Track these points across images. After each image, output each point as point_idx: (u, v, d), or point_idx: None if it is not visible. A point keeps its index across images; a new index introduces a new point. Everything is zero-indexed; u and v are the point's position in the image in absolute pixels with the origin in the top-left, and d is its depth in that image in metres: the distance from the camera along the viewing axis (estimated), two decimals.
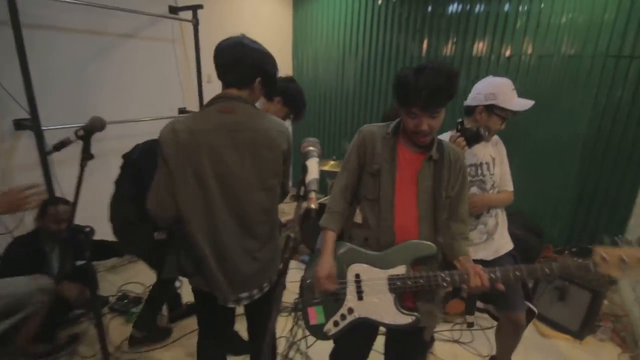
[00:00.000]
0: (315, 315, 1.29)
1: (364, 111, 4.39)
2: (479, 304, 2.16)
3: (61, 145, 1.38)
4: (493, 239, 1.73)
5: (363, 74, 4.30)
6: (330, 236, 1.30)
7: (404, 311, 1.22)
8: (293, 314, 2.50)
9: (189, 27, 3.18)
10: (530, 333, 2.47)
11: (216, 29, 3.64)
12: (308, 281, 1.33)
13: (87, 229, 1.44)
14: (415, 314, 1.23)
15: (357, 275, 1.26)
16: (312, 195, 0.87)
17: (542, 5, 3.15)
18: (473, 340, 2.42)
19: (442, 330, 2.48)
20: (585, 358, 2.28)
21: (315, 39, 4.58)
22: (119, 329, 2.37)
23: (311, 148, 0.96)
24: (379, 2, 4.02)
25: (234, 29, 4.52)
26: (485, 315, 2.46)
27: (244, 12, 4.02)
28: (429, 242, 1.22)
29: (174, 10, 3.14)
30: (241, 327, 2.01)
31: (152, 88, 3.20)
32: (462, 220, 1.32)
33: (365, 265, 1.25)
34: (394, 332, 1.39)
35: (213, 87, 3.71)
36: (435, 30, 3.75)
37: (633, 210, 3.07)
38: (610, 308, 2.65)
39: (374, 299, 1.23)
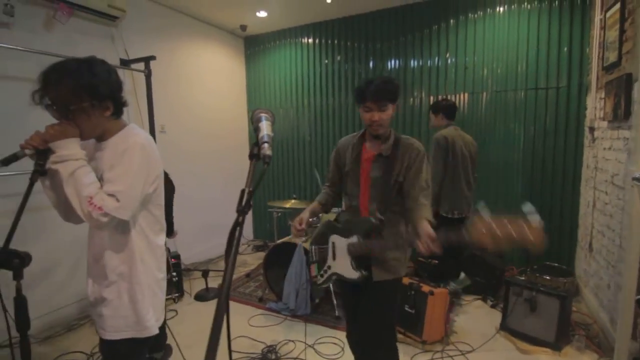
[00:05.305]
0: (314, 269, 1.77)
1: (320, 155, 4.58)
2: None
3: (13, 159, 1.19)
4: None
5: (317, 123, 4.55)
6: (314, 203, 1.82)
7: (355, 269, 1.58)
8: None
9: (142, 77, 3.21)
10: (510, 351, 2.40)
11: (170, 80, 3.71)
12: (313, 247, 1.78)
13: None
14: (362, 271, 1.57)
15: (333, 243, 1.68)
16: (265, 145, 0.90)
17: (467, 58, 3.64)
18: None
19: None
20: None
21: (268, 91, 4.83)
22: None
23: (263, 114, 1.02)
24: (326, 61, 4.41)
25: (188, 79, 4.66)
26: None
27: (199, 64, 4.15)
28: (367, 217, 1.60)
29: (125, 62, 3.17)
30: None
31: None
32: (414, 198, 1.56)
33: (336, 236, 1.67)
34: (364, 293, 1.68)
35: (168, 136, 3.67)
36: None
37: (579, 222, 3.29)
38: (580, 317, 2.67)
39: (341, 259, 1.63)
